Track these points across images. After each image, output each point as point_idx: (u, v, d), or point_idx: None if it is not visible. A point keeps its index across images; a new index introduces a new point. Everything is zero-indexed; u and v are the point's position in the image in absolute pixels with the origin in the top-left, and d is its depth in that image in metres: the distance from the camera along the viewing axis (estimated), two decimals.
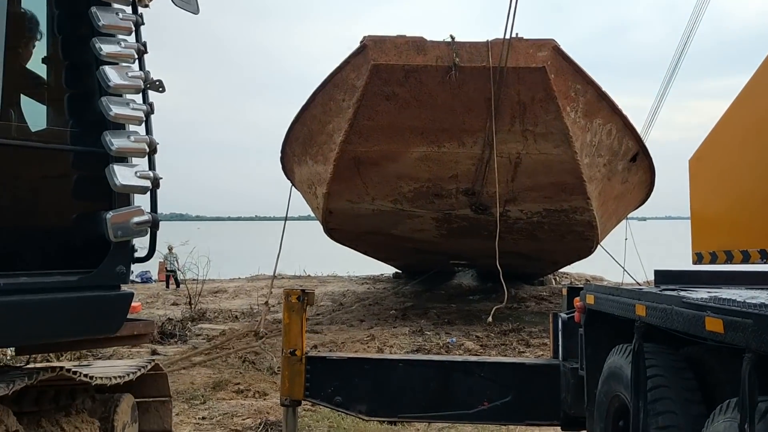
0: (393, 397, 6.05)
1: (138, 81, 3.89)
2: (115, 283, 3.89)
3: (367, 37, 12.32)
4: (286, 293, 6.10)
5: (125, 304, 4.00)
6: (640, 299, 3.92)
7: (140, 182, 3.85)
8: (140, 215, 3.85)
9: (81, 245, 3.97)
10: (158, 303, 21.92)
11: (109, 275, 3.82)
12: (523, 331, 14.18)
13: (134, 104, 3.88)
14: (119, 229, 3.76)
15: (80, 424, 4.36)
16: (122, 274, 3.89)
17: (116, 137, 3.81)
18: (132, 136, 3.87)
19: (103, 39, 3.80)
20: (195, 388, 9.24)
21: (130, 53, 3.88)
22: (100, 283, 3.81)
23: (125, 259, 3.91)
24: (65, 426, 4.24)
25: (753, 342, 2.68)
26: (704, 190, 4.39)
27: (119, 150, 3.79)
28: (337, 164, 13.95)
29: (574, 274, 26.07)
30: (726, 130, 4.07)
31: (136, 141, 3.86)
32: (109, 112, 3.75)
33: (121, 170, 3.77)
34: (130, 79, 3.86)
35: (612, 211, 16.62)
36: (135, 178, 3.81)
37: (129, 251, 3.97)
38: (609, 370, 4.56)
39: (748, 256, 3.95)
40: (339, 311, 18.45)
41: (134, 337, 4.40)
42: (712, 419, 3.15)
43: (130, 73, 3.88)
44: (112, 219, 3.74)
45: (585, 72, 12.51)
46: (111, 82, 3.77)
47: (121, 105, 3.83)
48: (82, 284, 3.73)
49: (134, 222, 3.81)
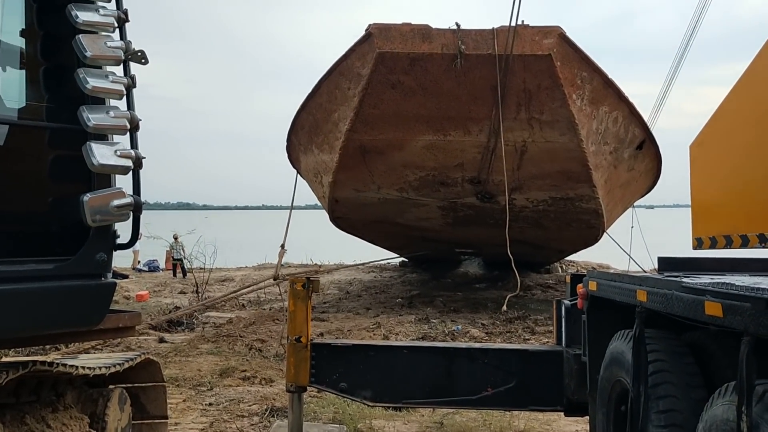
0: (397, 384, 6.11)
1: (118, 51, 3.60)
2: (96, 272, 3.62)
3: (372, 25, 12.30)
4: (292, 281, 6.16)
5: (107, 294, 3.76)
6: (641, 285, 3.95)
7: (120, 162, 3.56)
8: (121, 198, 3.57)
9: (58, 231, 3.74)
10: (165, 291, 22.09)
11: (89, 263, 3.56)
12: (528, 319, 14.22)
13: (114, 77, 3.59)
14: (97, 213, 3.49)
15: (68, 421, 4.19)
16: (103, 262, 3.63)
17: (94, 112, 3.52)
18: (111, 111, 3.60)
19: (79, 5, 3.53)
20: (202, 375, 9.34)
21: (109, 21, 3.60)
22: (78, 271, 3.55)
23: (106, 246, 3.65)
24: (51, 423, 4.07)
25: (751, 325, 2.70)
26: (704, 176, 4.41)
27: (97, 126, 3.51)
28: (342, 153, 13.98)
29: (581, 262, 26.07)
30: (726, 116, 4.08)
31: (116, 117, 3.58)
32: (85, 84, 3.47)
33: (100, 149, 3.49)
34: (110, 49, 3.58)
35: (618, 198, 16.59)
36: (115, 158, 3.53)
37: (110, 237, 3.71)
38: (611, 356, 4.60)
39: (747, 240, 3.97)
40: (345, 299, 18.54)
41: (119, 330, 4.12)
42: (711, 403, 3.19)
43: (109, 42, 3.59)
44: (90, 202, 3.47)
45: (591, 59, 12.47)
46: (88, 53, 3.48)
47: (100, 77, 3.55)
48: (59, 273, 3.47)
49: (114, 205, 3.54)
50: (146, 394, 5.18)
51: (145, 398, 5.17)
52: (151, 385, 5.16)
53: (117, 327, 4.05)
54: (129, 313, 4.24)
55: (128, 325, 4.16)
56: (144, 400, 5.16)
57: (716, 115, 4.14)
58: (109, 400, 4.55)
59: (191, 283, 20.59)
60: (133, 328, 4.29)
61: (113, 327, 4.01)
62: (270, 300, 18.26)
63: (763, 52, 3.57)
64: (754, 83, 3.72)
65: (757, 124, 3.59)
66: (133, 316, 4.25)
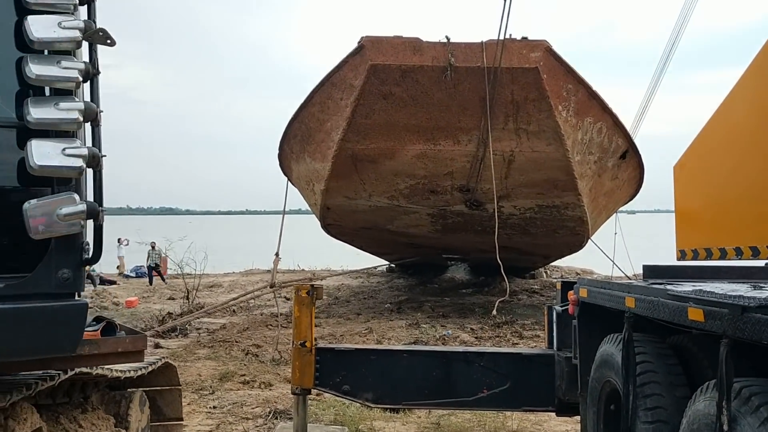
0: (397, 386, 6.41)
1: (74, 33, 3.06)
2: (60, 292, 3.13)
3: (364, 38, 12.62)
4: (297, 288, 6.43)
5: (78, 316, 3.24)
6: (629, 292, 4.27)
7: (68, 162, 3.00)
8: (70, 205, 3.02)
9: (11, 245, 3.21)
10: (154, 297, 22.20)
11: (49, 282, 3.07)
12: (516, 324, 14.57)
13: (66, 62, 3.07)
14: (41, 223, 2.97)
15: (97, 421, 4.36)
16: (67, 280, 3.12)
17: (37, 105, 3.01)
18: (61, 103, 3.04)
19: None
20: (203, 380, 9.57)
21: None
22: (37, 291, 3.06)
23: (71, 262, 3.13)
24: (82, 422, 4.20)
25: (729, 329, 3.02)
26: (687, 194, 4.77)
27: (39, 121, 2.98)
28: (335, 161, 14.27)
29: (565, 267, 26.51)
30: (707, 139, 4.45)
31: (65, 109, 3.02)
32: (28, 73, 2.98)
33: (41, 147, 2.96)
34: (64, 30, 3.04)
35: (602, 206, 17.03)
36: (61, 157, 2.98)
37: (76, 251, 3.17)
38: (601, 358, 4.91)
39: (726, 253, 4.32)
40: (335, 305, 18.78)
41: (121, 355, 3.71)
42: (694, 400, 3.51)
43: (64, 23, 3.06)
44: (31, 210, 2.96)
45: (576, 72, 12.87)
46: (34, 36, 2.99)
47: (47, 64, 3.04)
48: (12, 293, 3.00)
49: (62, 213, 2.99)
50: (162, 397, 5.42)
51: (162, 401, 5.41)
52: (167, 388, 5.39)
53: (117, 352, 3.68)
54: (132, 336, 3.80)
55: (131, 349, 3.76)
56: (160, 402, 5.41)
57: (698, 138, 4.52)
58: (131, 402, 4.80)
59: (180, 289, 20.73)
60: (140, 352, 3.88)
61: (112, 352, 3.65)
62: (260, 305, 18.47)
63: (742, 81, 3.94)
64: (732, 111, 4.08)
65: (735, 148, 3.96)
66: (137, 340, 3.81)
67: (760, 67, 3.92)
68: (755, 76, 3.94)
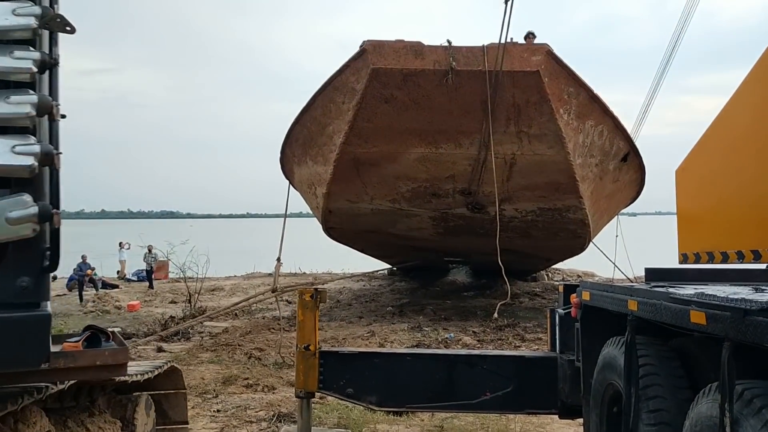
0: (401, 389, 6.42)
1: (29, 20, 2.85)
2: (18, 301, 2.91)
3: (366, 42, 12.68)
4: (300, 292, 6.46)
5: (40, 328, 2.99)
6: (632, 295, 4.30)
7: (17, 160, 2.77)
8: (19, 207, 2.78)
9: None
10: (156, 301, 22.25)
11: (6, 291, 2.87)
12: (518, 327, 14.58)
13: (20, 53, 2.85)
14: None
15: (103, 424, 4.39)
16: (26, 289, 2.90)
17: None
18: (12, 96, 2.82)
19: None
20: (206, 383, 9.60)
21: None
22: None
23: (31, 269, 2.92)
24: (90, 426, 4.23)
25: (731, 332, 3.05)
26: (689, 198, 4.80)
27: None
28: (337, 165, 14.33)
29: (566, 270, 26.54)
30: (708, 144, 4.49)
31: (16, 103, 2.80)
32: None
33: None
34: (18, 17, 2.83)
35: (604, 209, 17.07)
36: (10, 155, 2.76)
37: (37, 258, 2.95)
38: (604, 361, 4.93)
39: (727, 256, 4.35)
40: (337, 308, 18.82)
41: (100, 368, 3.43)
42: (697, 402, 3.53)
43: (19, 10, 2.85)
44: None
45: (577, 75, 12.93)
46: None
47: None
48: None
49: (10, 217, 2.75)
50: (168, 401, 5.45)
51: (167, 404, 5.45)
52: (172, 392, 5.42)
53: (95, 365, 3.40)
54: (112, 350, 3.49)
55: (110, 362, 3.46)
56: (166, 406, 5.44)
57: (699, 144, 4.56)
58: (137, 405, 4.84)
59: (181, 293, 20.76)
60: (121, 366, 3.59)
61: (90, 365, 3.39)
62: (262, 309, 18.51)
63: (742, 88, 3.98)
64: (733, 116, 4.12)
65: (736, 154, 4.00)
66: (118, 353, 3.51)
67: (761, 72, 3.96)
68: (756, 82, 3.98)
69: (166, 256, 24.64)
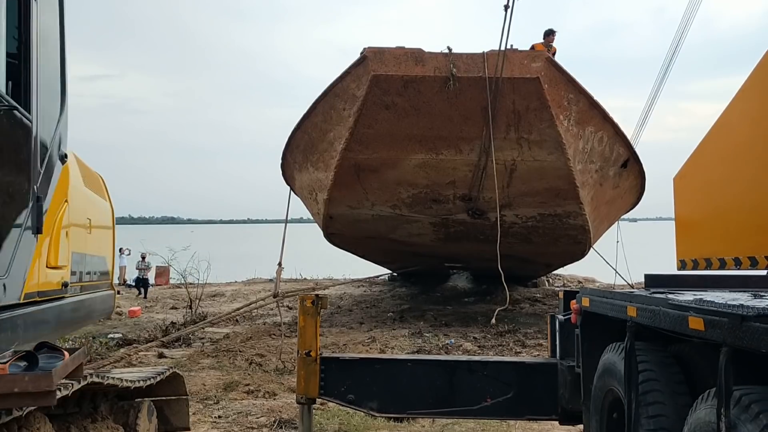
0: (402, 395, 6.44)
1: None
2: None
3: (367, 49, 12.74)
4: (302, 298, 6.49)
5: None
6: (631, 301, 4.33)
7: None
8: None
9: None
10: (157, 307, 22.28)
11: None
12: (518, 332, 14.59)
13: None
14: None
15: (106, 430, 4.41)
16: None
17: None
18: None
19: None
20: (207, 389, 9.62)
21: None
22: None
23: None
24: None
25: (729, 338, 3.09)
26: (687, 205, 4.85)
27: None
28: (337, 171, 14.37)
29: (567, 275, 26.55)
30: (705, 153, 4.53)
31: None
32: None
33: None
34: None
35: (604, 215, 17.10)
36: None
37: None
38: (604, 367, 4.97)
39: (725, 263, 4.39)
40: (337, 314, 18.83)
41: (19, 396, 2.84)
42: (695, 407, 3.56)
43: None
44: None
45: (577, 81, 12.97)
46: None
47: None
48: None
49: None
50: (170, 407, 5.47)
51: (169, 410, 5.47)
52: (174, 398, 5.45)
53: (12, 392, 2.83)
54: (33, 375, 2.89)
55: (30, 390, 2.85)
56: (168, 412, 5.46)
57: (697, 151, 4.60)
58: (139, 412, 4.86)
59: (182, 299, 20.78)
60: (46, 393, 2.90)
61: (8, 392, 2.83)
62: (263, 315, 18.51)
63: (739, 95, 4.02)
64: (730, 123, 4.17)
65: (733, 161, 4.04)
66: (39, 378, 2.88)
67: (758, 79, 4.00)
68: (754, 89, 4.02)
69: (167, 262, 24.67)
